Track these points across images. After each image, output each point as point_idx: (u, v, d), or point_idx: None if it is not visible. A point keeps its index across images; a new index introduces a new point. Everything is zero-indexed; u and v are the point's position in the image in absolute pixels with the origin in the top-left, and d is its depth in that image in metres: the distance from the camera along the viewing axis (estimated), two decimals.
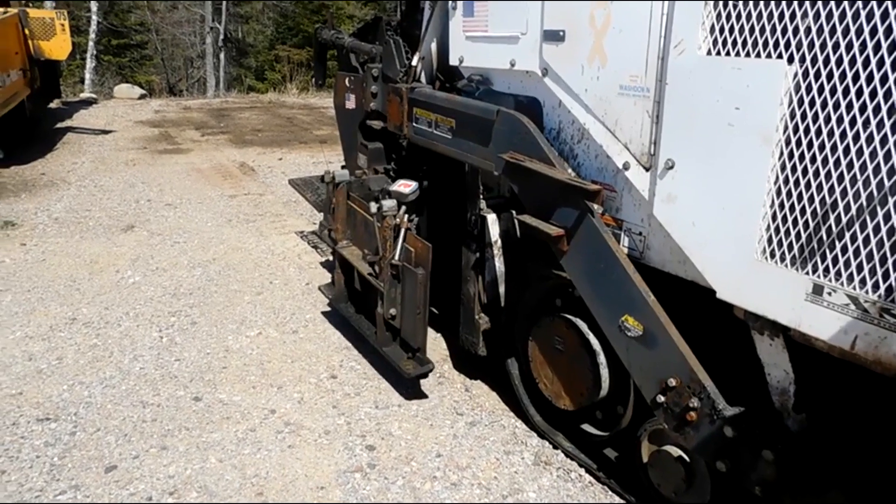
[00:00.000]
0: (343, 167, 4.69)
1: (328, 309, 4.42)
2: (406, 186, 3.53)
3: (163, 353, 3.88)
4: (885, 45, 1.58)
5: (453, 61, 3.31)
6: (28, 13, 9.81)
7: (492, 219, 3.12)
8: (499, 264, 3.15)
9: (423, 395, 3.47)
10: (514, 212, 3.07)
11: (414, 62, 3.62)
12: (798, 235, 1.83)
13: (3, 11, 8.79)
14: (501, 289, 3.18)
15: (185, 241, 5.82)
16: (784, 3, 1.78)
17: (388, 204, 3.41)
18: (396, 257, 3.26)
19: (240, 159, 9.28)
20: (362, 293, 3.85)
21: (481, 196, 3.20)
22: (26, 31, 9.47)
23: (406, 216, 3.36)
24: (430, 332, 4.17)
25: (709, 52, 2.02)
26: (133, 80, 22.89)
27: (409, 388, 3.56)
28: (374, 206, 3.46)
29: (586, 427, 2.95)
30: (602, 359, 2.66)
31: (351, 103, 4.29)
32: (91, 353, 3.86)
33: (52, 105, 12.54)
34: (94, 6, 21.79)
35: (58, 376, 3.59)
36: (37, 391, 3.44)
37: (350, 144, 4.46)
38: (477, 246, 3.22)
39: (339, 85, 4.46)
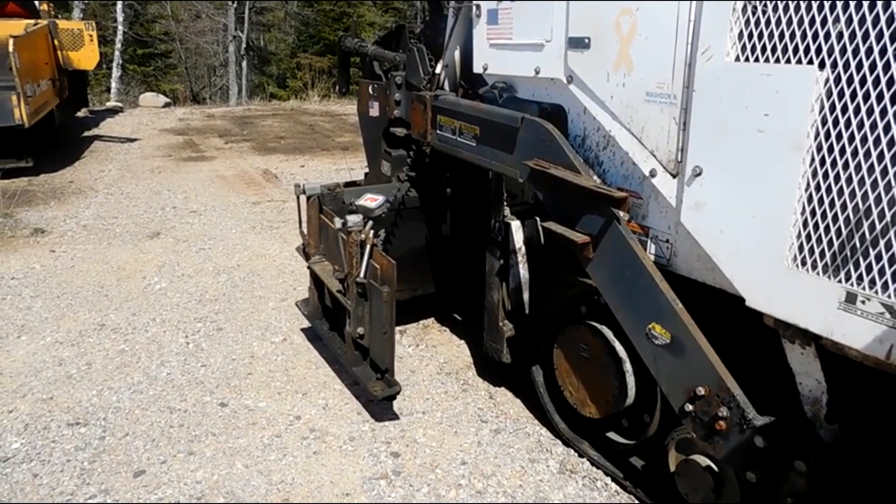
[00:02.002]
0: (367, 174, 4.73)
1: None
2: (372, 200, 3.39)
3: (189, 358, 3.92)
4: None
5: (477, 69, 3.31)
6: (57, 24, 10.01)
7: (516, 225, 3.12)
8: (523, 271, 3.14)
9: (395, 417, 3.35)
10: (538, 218, 3.06)
11: (437, 70, 3.64)
12: (830, 243, 1.81)
13: (33, 23, 8.98)
14: (526, 296, 3.17)
15: (211, 248, 5.89)
16: (815, 8, 1.77)
17: (354, 219, 3.24)
18: (362, 274, 3.14)
19: (263, 166, 9.37)
20: (334, 310, 3.75)
21: (505, 203, 3.20)
22: (55, 42, 9.68)
23: (372, 232, 3.20)
24: (454, 339, 4.19)
25: (737, 59, 2.00)
26: (158, 88, 23.29)
27: (433, 397, 3.56)
28: (338, 222, 3.31)
29: (612, 435, 2.93)
30: (628, 366, 2.65)
31: (374, 111, 4.32)
32: (119, 358, 3.92)
33: (80, 114, 12.79)
34: (120, 17, 22.19)
35: (87, 381, 3.65)
36: (67, 396, 3.50)
37: (374, 152, 4.48)
38: (501, 253, 3.22)
39: (363, 93, 4.49)
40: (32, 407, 3.40)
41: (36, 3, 10.39)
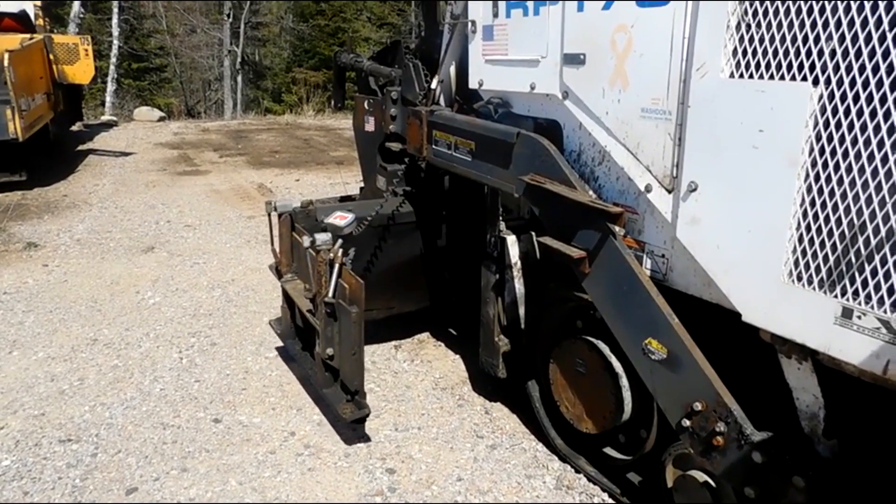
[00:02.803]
0: (362, 189, 4.73)
1: None
2: (342, 219, 3.33)
3: (183, 374, 3.89)
4: None
5: (473, 84, 3.33)
6: (53, 39, 10.03)
7: (511, 240, 3.12)
8: (519, 286, 3.14)
9: (367, 438, 3.26)
10: (533, 233, 3.07)
11: (433, 85, 3.66)
12: (826, 258, 1.81)
13: (29, 37, 8.99)
14: (521, 310, 3.17)
15: (205, 262, 5.87)
16: (808, 25, 1.78)
17: (322, 237, 3.14)
18: (330, 294, 3.05)
19: (258, 180, 9.37)
20: (305, 330, 3.66)
21: (501, 218, 3.20)
22: (51, 57, 9.69)
23: (341, 250, 3.10)
24: (450, 354, 4.18)
25: (731, 75, 2.02)
26: (152, 102, 23.30)
27: (429, 412, 3.54)
28: (306, 240, 3.21)
29: (609, 451, 2.92)
30: (625, 381, 2.64)
31: (370, 126, 4.33)
32: (112, 374, 3.89)
33: (74, 128, 12.79)
34: (115, 31, 22.25)
35: (79, 397, 3.62)
36: (59, 412, 3.47)
37: (369, 166, 4.49)
38: (497, 267, 3.22)
39: (359, 108, 4.50)
40: (24, 423, 3.36)
41: (32, 17, 10.41)
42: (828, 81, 1.75)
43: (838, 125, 1.74)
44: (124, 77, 25.18)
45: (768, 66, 1.91)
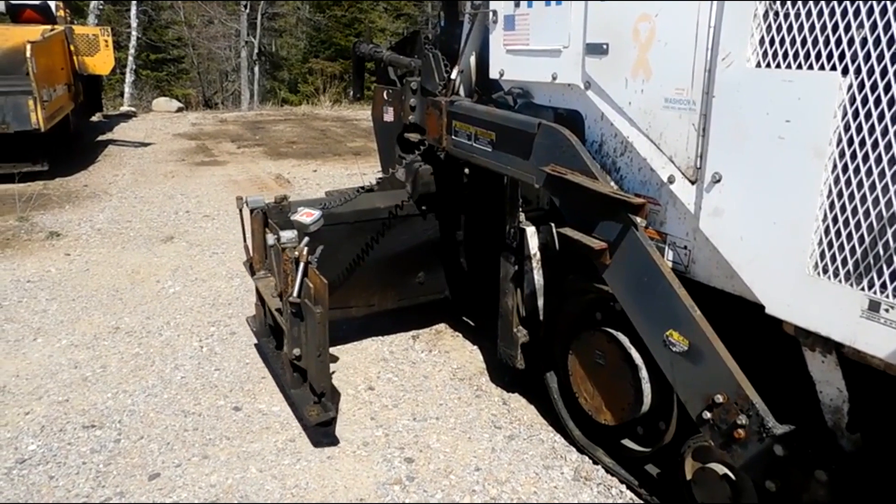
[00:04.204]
0: (379, 180, 4.73)
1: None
2: (308, 216, 3.25)
3: (203, 362, 3.93)
4: None
5: (493, 75, 3.32)
6: (73, 30, 10.11)
7: (531, 231, 3.11)
8: (538, 277, 3.13)
9: (336, 441, 3.17)
10: (553, 224, 3.06)
11: (453, 75, 3.65)
12: (853, 250, 1.79)
13: (50, 29, 9.07)
14: (540, 302, 3.16)
15: (223, 252, 5.91)
16: (838, 13, 1.76)
17: (287, 235, 3.08)
18: (295, 293, 2.96)
19: (275, 171, 9.41)
20: (276, 328, 3.58)
21: (520, 208, 3.19)
22: (71, 48, 9.78)
23: (306, 248, 2.99)
24: (467, 345, 4.18)
25: (758, 65, 1.99)
26: (170, 93, 23.44)
27: (447, 402, 3.55)
28: (270, 238, 3.15)
29: (627, 442, 2.91)
30: (644, 373, 2.63)
31: (389, 116, 4.33)
32: (133, 361, 3.94)
33: (94, 118, 12.91)
34: (133, 22, 22.40)
35: (102, 384, 3.67)
36: (82, 399, 3.52)
37: (388, 157, 4.50)
38: (516, 258, 3.22)
39: (378, 98, 4.50)
40: (48, 409, 3.42)
41: (52, 9, 10.50)
42: (857, 71, 1.73)
43: (868, 115, 1.71)
44: (143, 68, 25.36)
45: (796, 55, 1.88)
